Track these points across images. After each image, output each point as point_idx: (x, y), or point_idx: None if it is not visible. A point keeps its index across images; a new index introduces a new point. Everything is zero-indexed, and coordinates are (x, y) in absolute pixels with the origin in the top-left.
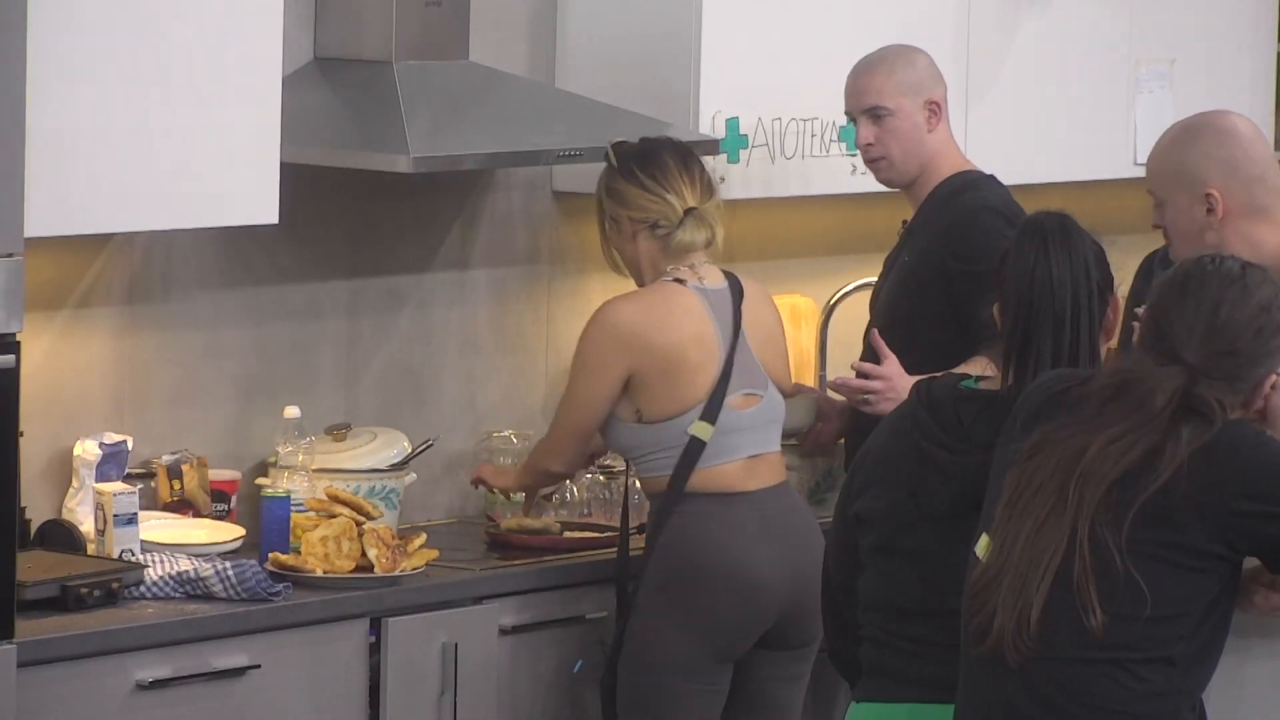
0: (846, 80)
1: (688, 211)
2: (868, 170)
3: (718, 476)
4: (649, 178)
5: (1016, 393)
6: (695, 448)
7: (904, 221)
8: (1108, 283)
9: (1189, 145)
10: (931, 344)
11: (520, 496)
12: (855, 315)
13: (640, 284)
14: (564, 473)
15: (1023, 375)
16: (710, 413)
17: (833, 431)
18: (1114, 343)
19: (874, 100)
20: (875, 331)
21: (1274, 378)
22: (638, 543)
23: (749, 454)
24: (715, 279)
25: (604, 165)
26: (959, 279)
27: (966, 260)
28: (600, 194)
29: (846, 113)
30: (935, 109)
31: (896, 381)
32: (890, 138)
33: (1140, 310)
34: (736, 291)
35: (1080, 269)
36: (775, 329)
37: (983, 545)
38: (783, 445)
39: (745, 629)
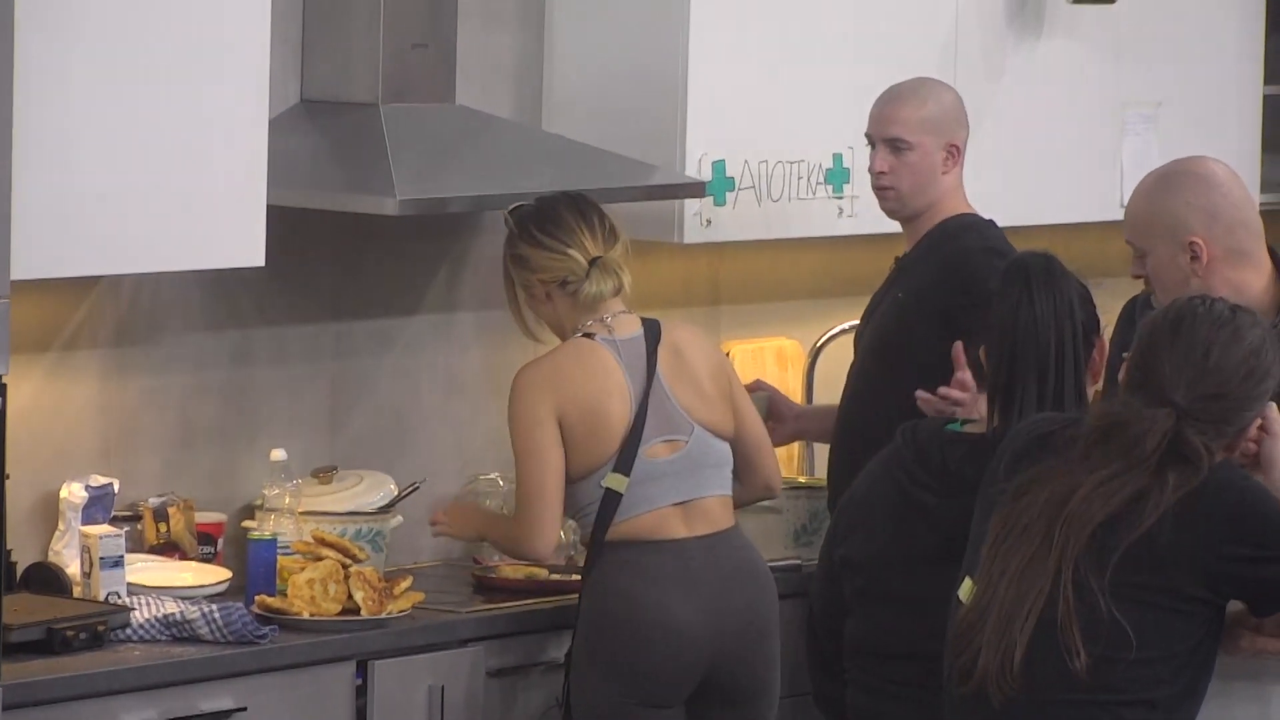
0: (875, 103)
1: (592, 262)
2: (856, 209)
3: (638, 527)
4: (548, 236)
5: (1002, 435)
6: (611, 500)
7: (896, 258)
8: (1093, 324)
9: (1169, 194)
10: (917, 381)
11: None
12: (842, 358)
13: (560, 337)
14: (549, 550)
15: (1008, 417)
16: (623, 464)
17: (783, 434)
18: (1100, 385)
19: (897, 131)
20: (959, 345)
21: (1260, 422)
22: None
23: (672, 501)
24: (628, 329)
25: (505, 234)
26: (961, 314)
27: (973, 297)
28: (506, 263)
29: (867, 134)
30: (954, 152)
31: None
32: (905, 171)
33: (1126, 354)
34: (653, 338)
35: (1064, 310)
36: (710, 369)
37: (965, 589)
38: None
39: (670, 676)
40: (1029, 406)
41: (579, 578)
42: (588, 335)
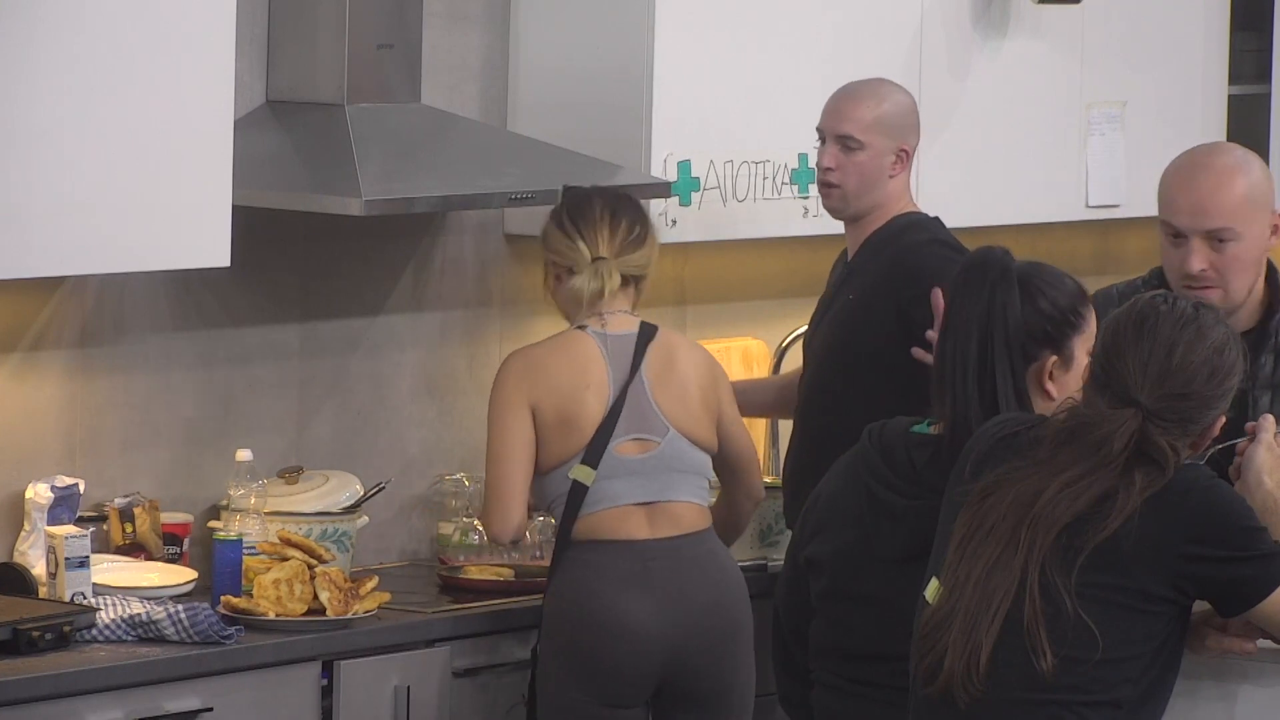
0: (830, 98)
1: (594, 260)
2: (821, 209)
3: (601, 523)
4: (569, 222)
5: (950, 433)
6: (577, 492)
7: (844, 262)
8: (1055, 330)
9: (1252, 172)
10: (878, 378)
11: (472, 539)
12: None
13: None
14: (508, 533)
15: (950, 416)
16: (591, 456)
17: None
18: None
19: (849, 129)
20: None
21: (1224, 420)
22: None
23: (636, 501)
24: (623, 326)
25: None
26: (913, 307)
27: (923, 286)
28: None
29: (818, 128)
30: (904, 157)
31: None
32: (853, 169)
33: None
34: (645, 339)
35: (997, 312)
36: (700, 381)
37: (931, 589)
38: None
39: (627, 676)
40: (966, 405)
41: (544, 579)
42: (580, 328)
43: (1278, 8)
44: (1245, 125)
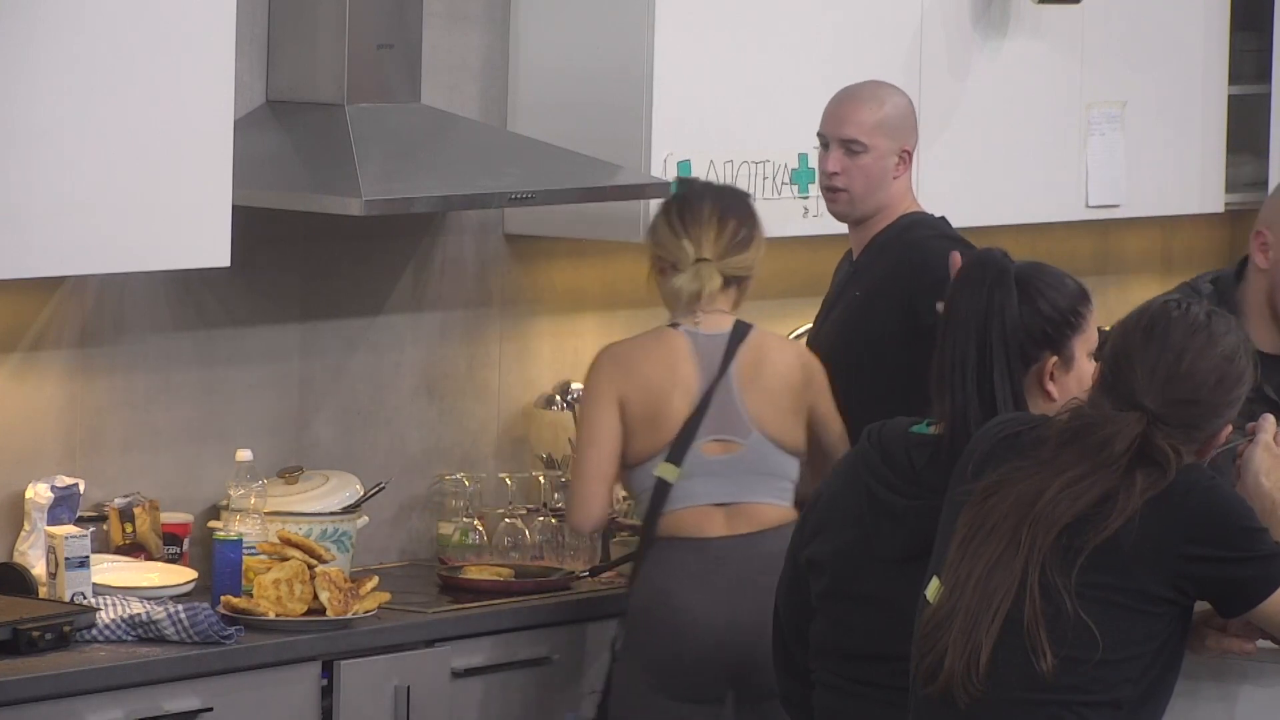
0: (830, 102)
1: (696, 261)
2: (821, 209)
3: (681, 521)
4: (678, 220)
5: (950, 433)
6: (661, 490)
7: (849, 261)
8: (1055, 332)
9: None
10: (884, 375)
11: (472, 539)
12: None
13: None
14: (589, 523)
15: (949, 414)
16: (676, 454)
17: None
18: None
19: (852, 132)
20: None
21: (1230, 429)
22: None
23: (717, 501)
24: (716, 326)
25: None
26: (921, 300)
27: (932, 275)
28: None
29: (820, 134)
30: (906, 158)
31: None
32: (858, 173)
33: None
34: (736, 339)
35: (995, 313)
36: (791, 383)
37: (933, 589)
38: None
39: (698, 672)
40: (965, 406)
41: (544, 579)
42: (673, 325)
43: (1278, 8)
44: (1245, 125)
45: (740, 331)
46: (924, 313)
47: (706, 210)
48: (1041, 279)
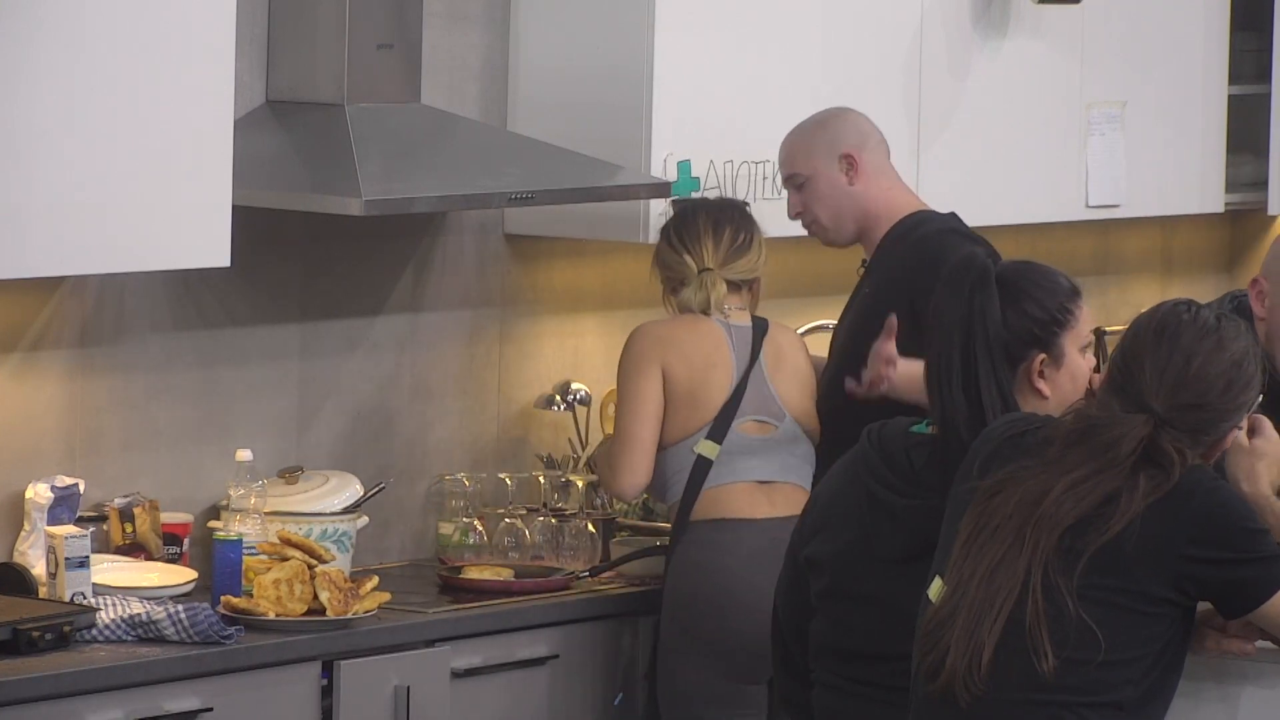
0: None
1: (700, 272)
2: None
3: (724, 499)
4: (675, 238)
5: (942, 434)
6: (702, 466)
7: (863, 261)
8: (1042, 334)
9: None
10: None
11: (472, 539)
12: None
13: None
14: (637, 487)
15: (939, 416)
16: (717, 432)
17: None
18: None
19: (789, 169)
20: (892, 316)
21: (1236, 432)
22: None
23: (758, 478)
24: (741, 319)
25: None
26: (921, 298)
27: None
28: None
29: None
30: (852, 161)
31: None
32: (813, 202)
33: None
34: (760, 330)
35: (977, 316)
36: (806, 374)
37: (935, 588)
38: None
39: (751, 651)
40: (954, 410)
41: (544, 579)
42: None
43: (1278, 8)
44: (1245, 125)
45: (761, 325)
46: (922, 312)
47: (701, 223)
48: (1028, 278)
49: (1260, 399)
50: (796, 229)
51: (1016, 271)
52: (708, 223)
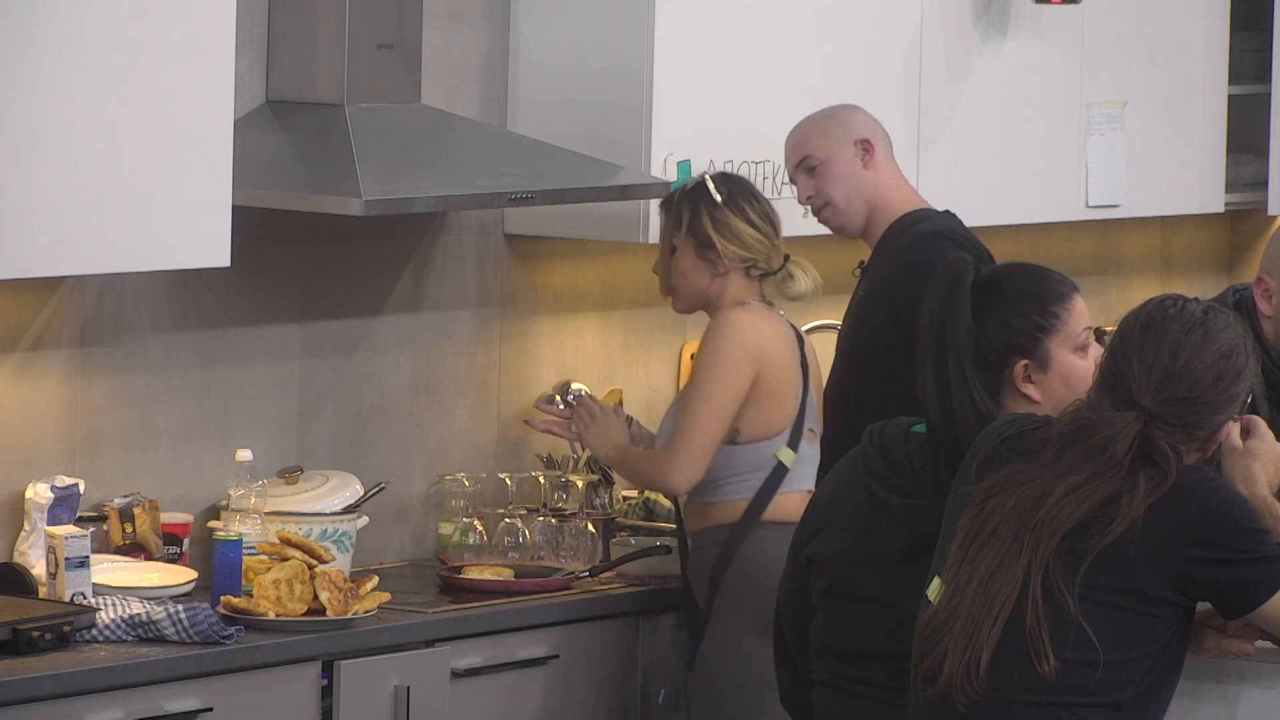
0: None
1: (785, 258)
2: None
3: (789, 505)
4: (757, 215)
5: (934, 435)
6: (780, 473)
7: (860, 262)
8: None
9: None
10: (882, 379)
11: (472, 539)
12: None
13: (710, 313)
14: (692, 483)
15: (925, 418)
16: (794, 439)
17: None
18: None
19: (801, 153)
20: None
21: (1230, 425)
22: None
23: (809, 488)
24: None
25: (691, 193)
26: (904, 309)
27: (912, 291)
28: (685, 219)
29: (789, 177)
30: (868, 146)
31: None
32: (827, 183)
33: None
34: (798, 331)
35: (950, 321)
36: (821, 377)
37: (934, 589)
38: None
39: None
40: (939, 416)
41: (544, 579)
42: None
43: (1278, 8)
44: (1245, 125)
45: (793, 326)
46: (907, 324)
47: (762, 198)
48: (1012, 284)
49: (1250, 398)
50: (797, 229)
51: (1002, 276)
52: (760, 204)
